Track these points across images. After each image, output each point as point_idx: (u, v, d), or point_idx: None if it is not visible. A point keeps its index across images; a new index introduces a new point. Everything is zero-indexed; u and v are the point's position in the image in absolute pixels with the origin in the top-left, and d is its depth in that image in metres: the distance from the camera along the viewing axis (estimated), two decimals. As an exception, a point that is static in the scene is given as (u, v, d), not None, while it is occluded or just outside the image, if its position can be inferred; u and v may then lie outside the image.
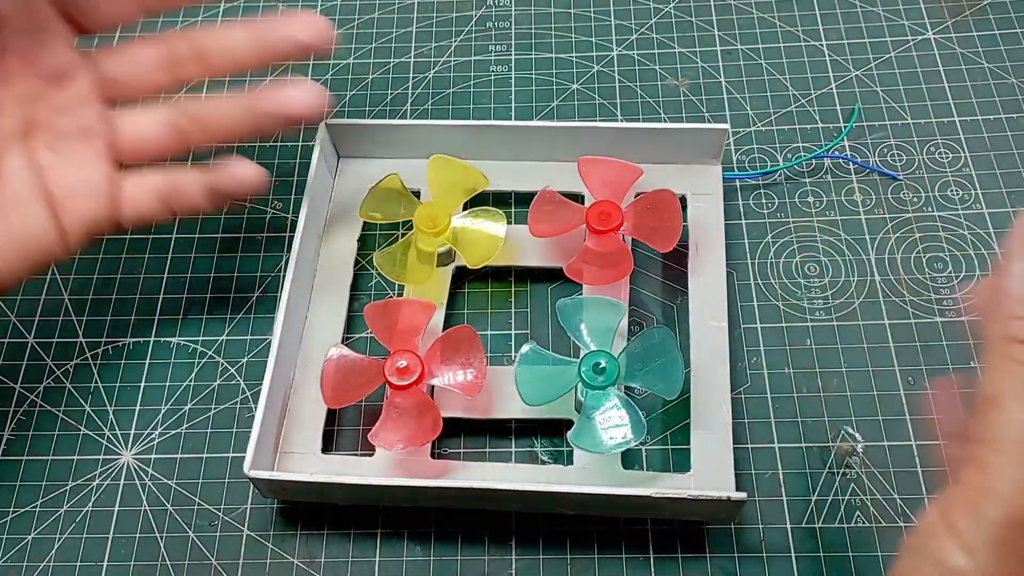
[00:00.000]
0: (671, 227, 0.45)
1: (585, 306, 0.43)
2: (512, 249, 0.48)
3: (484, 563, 0.42)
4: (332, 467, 0.43)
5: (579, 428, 0.40)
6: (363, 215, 0.47)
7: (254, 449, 0.40)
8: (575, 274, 0.46)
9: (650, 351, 0.41)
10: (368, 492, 0.40)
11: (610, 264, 0.45)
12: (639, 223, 0.45)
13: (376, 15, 0.60)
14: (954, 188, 0.51)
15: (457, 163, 0.47)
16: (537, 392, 0.41)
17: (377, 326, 0.43)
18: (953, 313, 0.47)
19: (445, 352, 0.42)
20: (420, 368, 0.41)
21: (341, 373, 0.42)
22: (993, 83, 0.55)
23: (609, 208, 0.45)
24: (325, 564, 0.42)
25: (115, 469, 0.45)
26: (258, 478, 0.39)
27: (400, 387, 0.41)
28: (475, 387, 0.41)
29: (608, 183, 0.46)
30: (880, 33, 0.57)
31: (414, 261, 0.46)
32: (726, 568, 0.41)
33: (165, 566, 0.42)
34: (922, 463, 0.43)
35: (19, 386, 0.47)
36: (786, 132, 0.53)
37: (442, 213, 0.45)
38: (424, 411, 0.41)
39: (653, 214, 0.45)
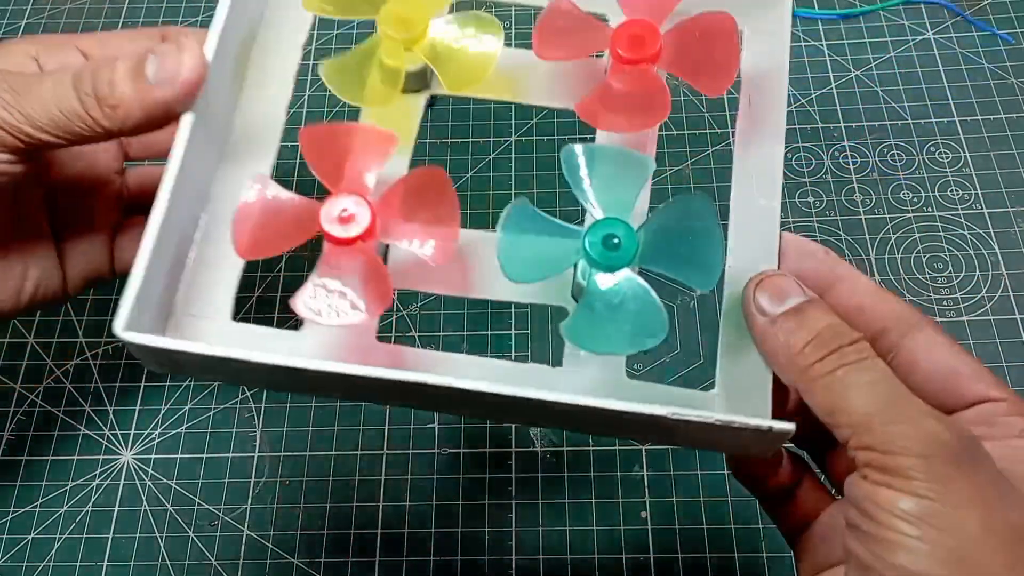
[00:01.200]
0: (724, 63, 0.33)
1: (601, 157, 0.32)
2: (508, 78, 0.36)
3: (484, 563, 0.42)
4: (245, 340, 0.32)
5: (577, 319, 0.30)
6: (308, 5, 0.35)
7: (132, 304, 0.29)
8: (590, 115, 0.34)
9: (681, 226, 0.31)
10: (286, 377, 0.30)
11: (638, 107, 0.34)
12: (680, 55, 0.34)
13: (376, 15, 0.60)
14: (954, 188, 0.51)
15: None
16: (524, 266, 0.30)
17: (316, 157, 0.32)
18: (953, 313, 0.47)
19: (406, 202, 0.32)
20: (370, 218, 0.30)
21: (262, 215, 0.32)
22: (993, 83, 0.55)
23: (644, 31, 0.33)
24: (325, 564, 0.42)
25: (115, 469, 0.45)
26: (136, 343, 0.29)
27: (341, 240, 0.30)
28: (444, 253, 0.31)
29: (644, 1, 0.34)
30: (880, 33, 0.57)
31: (375, 78, 0.35)
32: (726, 568, 0.41)
33: (165, 566, 0.42)
34: (922, 463, 0.43)
35: (19, 386, 0.47)
36: (786, 132, 0.53)
37: (418, 15, 0.34)
38: (370, 276, 0.31)
39: (701, 44, 0.34)
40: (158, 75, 0.31)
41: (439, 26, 0.34)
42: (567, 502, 0.43)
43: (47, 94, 0.31)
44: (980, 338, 0.46)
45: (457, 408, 0.32)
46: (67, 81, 0.31)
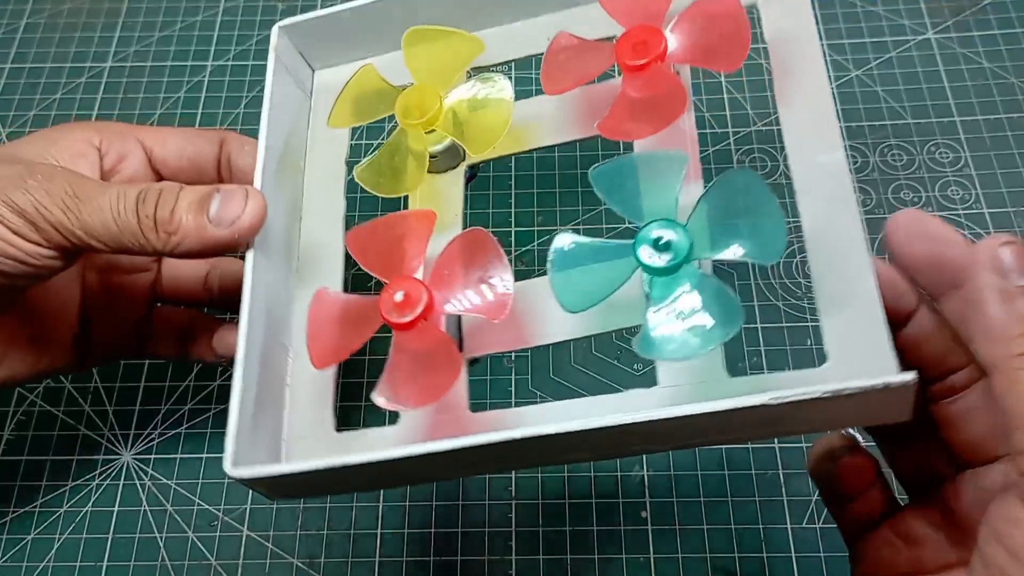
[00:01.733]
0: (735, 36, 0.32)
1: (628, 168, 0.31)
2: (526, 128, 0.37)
3: (484, 563, 0.42)
4: (349, 447, 0.33)
5: (647, 330, 0.28)
6: (332, 123, 0.37)
7: (234, 440, 0.30)
8: (614, 131, 0.33)
9: (732, 204, 0.29)
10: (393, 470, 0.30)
11: (659, 107, 0.33)
12: (689, 45, 0.33)
13: (376, 15, 0.60)
14: (954, 188, 0.51)
15: (438, 31, 0.36)
16: (580, 293, 0.30)
17: (364, 256, 0.33)
18: (953, 313, 0.47)
19: (455, 268, 0.32)
20: (425, 296, 0.31)
21: (326, 322, 0.33)
22: (993, 83, 0.55)
23: (646, 33, 0.33)
24: (325, 564, 0.42)
25: (115, 469, 0.45)
26: (243, 478, 0.30)
27: (403, 325, 0.31)
28: (501, 307, 0.31)
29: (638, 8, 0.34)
30: (880, 33, 0.57)
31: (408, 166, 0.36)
32: (726, 567, 0.41)
33: (165, 566, 0.42)
34: (922, 463, 0.43)
35: (19, 386, 0.47)
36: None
37: (428, 96, 0.35)
38: (436, 349, 0.31)
39: (706, 28, 0.33)
40: (219, 214, 0.32)
41: (453, 100, 0.35)
42: (567, 502, 0.43)
43: (107, 206, 0.32)
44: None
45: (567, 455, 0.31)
46: (130, 198, 0.32)
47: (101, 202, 0.32)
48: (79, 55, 0.59)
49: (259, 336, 0.33)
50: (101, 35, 0.60)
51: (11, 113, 0.57)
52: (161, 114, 0.56)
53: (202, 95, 0.57)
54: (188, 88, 0.58)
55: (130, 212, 0.32)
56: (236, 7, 0.61)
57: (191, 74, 0.58)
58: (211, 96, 0.57)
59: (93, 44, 0.60)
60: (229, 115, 0.56)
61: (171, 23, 0.61)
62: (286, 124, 0.37)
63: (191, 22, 0.61)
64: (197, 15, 0.61)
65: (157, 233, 0.32)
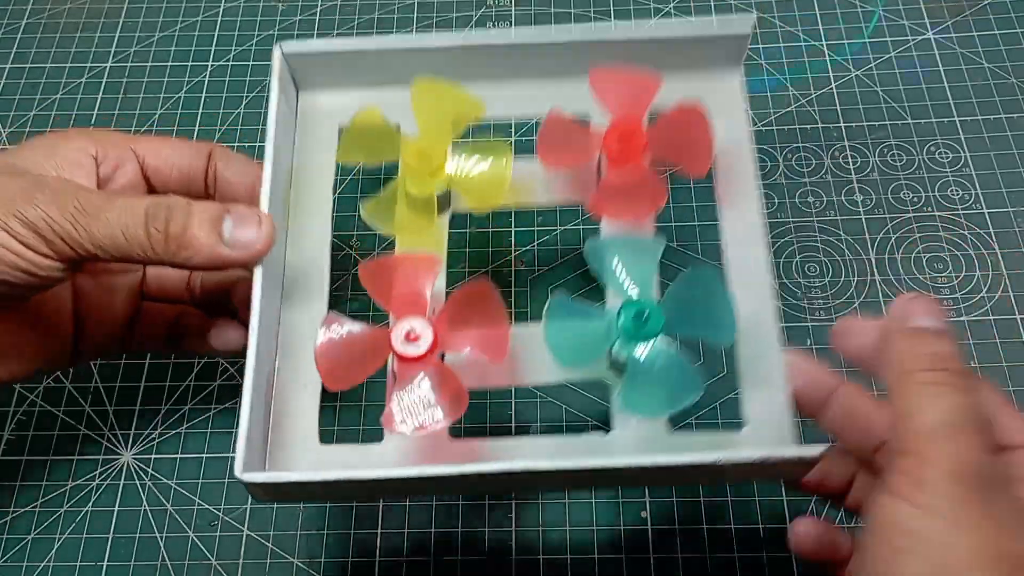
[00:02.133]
0: (702, 146, 0.38)
1: (619, 246, 0.37)
2: (520, 187, 0.41)
3: (485, 563, 0.42)
4: (335, 459, 0.36)
5: (628, 390, 0.34)
6: (341, 158, 0.40)
7: (245, 445, 0.33)
8: (598, 210, 0.39)
9: (695, 294, 0.35)
10: (385, 487, 0.34)
11: (636, 197, 0.38)
12: (664, 146, 0.38)
13: (376, 15, 0.60)
14: (954, 188, 0.51)
15: (445, 87, 0.39)
16: (572, 352, 0.35)
17: (376, 289, 0.36)
18: (953, 313, 0.47)
19: (459, 314, 0.35)
20: (433, 335, 0.34)
21: (339, 349, 0.35)
22: (993, 83, 0.55)
23: (630, 130, 0.38)
24: (325, 564, 0.42)
25: (115, 469, 0.45)
26: (254, 482, 0.32)
27: (412, 359, 0.34)
28: (499, 351, 0.35)
29: (625, 96, 0.39)
30: (880, 33, 0.57)
31: (404, 208, 0.39)
32: (727, 567, 0.41)
33: (165, 566, 0.42)
34: (922, 463, 0.43)
35: (19, 386, 0.47)
36: (786, 132, 0.54)
37: (436, 148, 0.38)
38: (443, 384, 0.35)
39: (680, 133, 0.38)
40: (234, 236, 0.34)
41: (456, 155, 0.39)
42: (567, 502, 0.43)
43: (115, 219, 0.33)
44: (980, 338, 0.46)
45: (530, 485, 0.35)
46: (139, 211, 0.33)
47: (110, 216, 0.33)
48: (79, 55, 0.59)
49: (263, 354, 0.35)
50: (101, 35, 0.60)
51: (11, 113, 0.57)
52: (161, 114, 0.56)
53: (202, 95, 0.57)
54: (188, 88, 0.58)
55: (138, 224, 0.33)
56: (236, 7, 0.61)
57: (191, 74, 0.58)
58: (211, 96, 0.57)
59: (93, 44, 0.60)
60: (229, 115, 0.56)
61: (171, 23, 0.61)
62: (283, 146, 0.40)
63: (191, 22, 0.61)
64: (197, 15, 0.61)
65: (167, 245, 0.34)
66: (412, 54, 0.41)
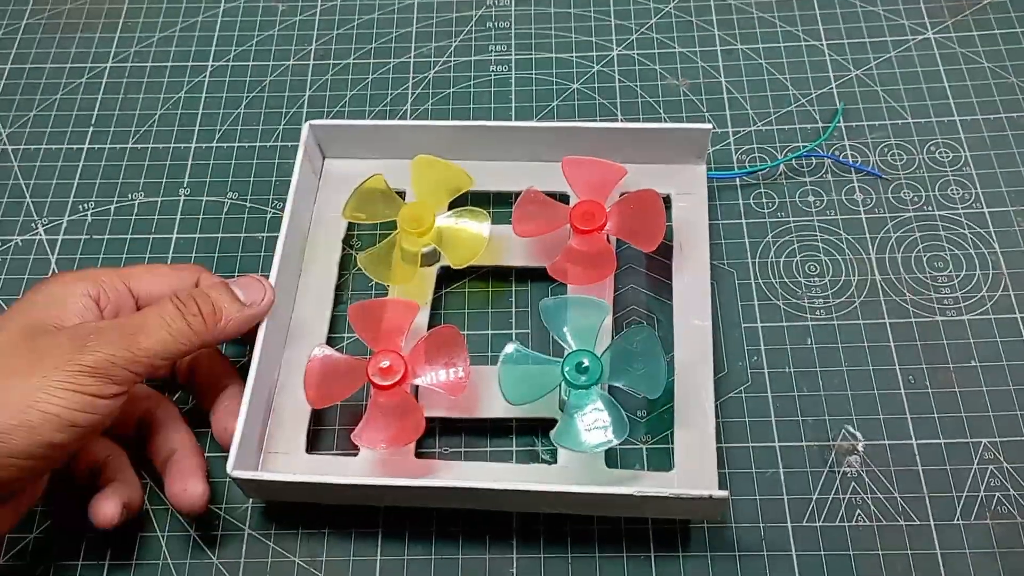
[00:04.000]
0: (654, 227, 0.45)
1: (569, 305, 0.43)
2: (495, 249, 0.48)
3: (485, 562, 0.42)
4: (316, 467, 0.43)
5: (562, 427, 0.40)
6: (347, 216, 0.47)
7: (237, 448, 0.40)
8: (559, 274, 0.46)
9: (633, 350, 0.41)
10: (351, 492, 0.40)
11: (594, 264, 0.45)
12: (622, 223, 0.45)
13: (376, 15, 0.60)
14: (954, 188, 0.51)
15: (441, 163, 0.47)
16: (520, 392, 0.41)
17: (361, 326, 0.43)
18: (953, 312, 0.47)
19: (429, 352, 0.42)
20: (403, 368, 0.41)
21: (324, 373, 0.42)
22: (993, 83, 0.55)
23: (593, 208, 0.45)
24: (326, 563, 0.42)
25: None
26: (241, 478, 0.39)
27: (383, 387, 0.41)
28: (458, 387, 0.41)
29: (592, 183, 0.46)
30: (880, 33, 0.57)
31: (398, 261, 0.46)
32: (727, 567, 0.41)
33: (166, 565, 0.42)
34: (922, 462, 0.43)
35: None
36: (786, 132, 0.54)
37: (426, 213, 0.45)
38: (407, 411, 0.41)
39: (636, 214, 0.45)
40: (248, 297, 0.41)
41: (442, 219, 0.46)
42: (568, 501, 0.43)
43: (154, 323, 0.38)
44: (980, 337, 0.46)
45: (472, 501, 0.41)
46: (169, 309, 0.39)
47: (145, 324, 0.38)
48: (79, 55, 0.59)
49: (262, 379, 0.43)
50: (101, 35, 0.60)
51: (11, 113, 0.57)
52: (161, 114, 0.56)
53: (202, 95, 0.57)
54: (188, 88, 0.58)
55: (176, 318, 0.38)
56: (236, 7, 0.61)
57: (191, 74, 0.58)
58: (211, 96, 0.57)
59: (93, 44, 0.60)
60: (229, 115, 0.56)
61: (171, 23, 0.61)
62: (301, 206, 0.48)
63: (191, 22, 0.61)
64: (197, 15, 0.61)
65: (207, 326, 0.39)
66: (419, 131, 0.49)
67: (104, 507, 0.39)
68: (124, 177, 0.54)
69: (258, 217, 0.52)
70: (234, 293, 0.41)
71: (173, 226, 0.52)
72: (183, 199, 0.53)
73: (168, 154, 0.55)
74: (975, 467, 0.43)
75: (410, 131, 0.50)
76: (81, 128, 0.56)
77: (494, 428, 0.45)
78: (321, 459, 0.43)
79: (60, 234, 0.52)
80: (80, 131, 0.56)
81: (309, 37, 0.59)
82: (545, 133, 0.49)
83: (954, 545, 0.41)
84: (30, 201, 0.53)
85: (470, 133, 0.49)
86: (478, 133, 0.49)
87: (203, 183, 0.53)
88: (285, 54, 0.59)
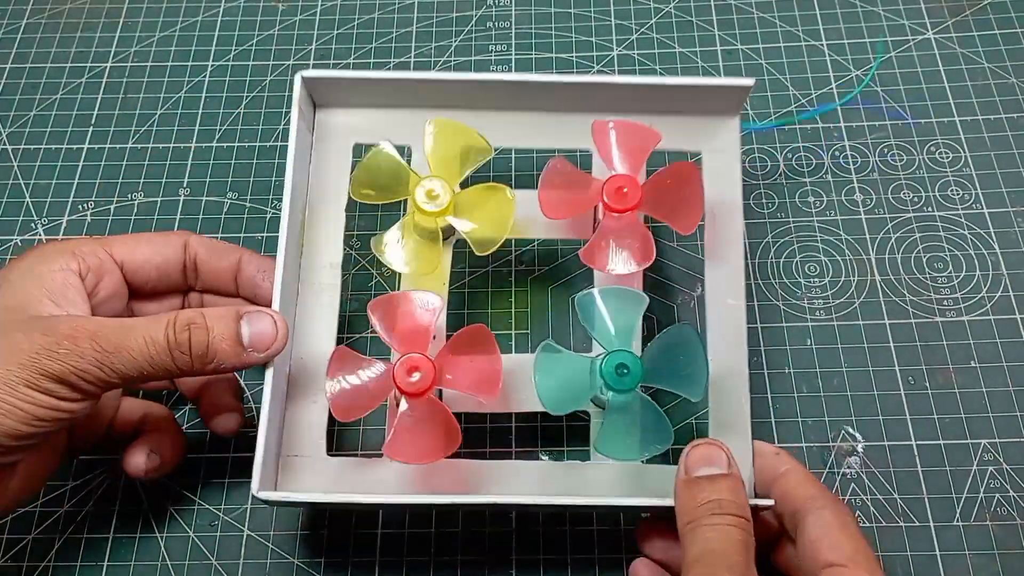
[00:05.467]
0: (693, 206, 0.41)
1: (605, 298, 0.39)
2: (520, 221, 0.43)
3: (485, 562, 0.42)
4: (340, 472, 0.40)
5: (605, 434, 0.38)
6: (354, 194, 0.42)
7: (261, 468, 0.37)
8: (590, 259, 0.41)
9: (674, 350, 0.38)
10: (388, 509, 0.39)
11: (628, 251, 0.41)
12: (659, 201, 0.41)
13: (376, 15, 0.60)
14: (954, 188, 0.51)
15: (457, 126, 0.42)
16: (559, 398, 0.38)
17: (382, 324, 0.39)
18: (953, 313, 0.47)
19: (458, 353, 0.39)
20: (432, 372, 0.37)
21: (348, 383, 0.39)
22: (993, 83, 0.55)
23: (627, 183, 0.40)
24: (325, 564, 0.42)
25: (115, 469, 0.45)
26: (270, 500, 0.37)
27: (413, 393, 0.37)
28: (492, 389, 0.38)
29: (624, 148, 0.41)
30: (880, 33, 0.57)
31: (414, 243, 0.42)
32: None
33: (165, 566, 0.42)
34: (922, 463, 0.43)
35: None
36: (786, 132, 0.54)
37: (445, 190, 0.41)
38: (438, 420, 0.38)
39: (673, 190, 0.41)
40: (253, 342, 0.37)
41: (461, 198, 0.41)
42: (567, 502, 0.43)
43: (137, 350, 0.35)
44: (980, 338, 0.46)
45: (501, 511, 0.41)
46: (160, 340, 0.35)
47: (130, 347, 0.35)
48: (79, 55, 0.59)
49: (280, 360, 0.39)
50: (101, 35, 0.60)
51: (11, 113, 0.57)
52: (161, 114, 0.56)
53: (202, 95, 0.57)
54: (188, 88, 0.58)
55: (162, 352, 0.35)
56: (236, 7, 0.61)
57: (191, 74, 0.58)
58: (211, 96, 0.57)
59: (93, 44, 0.60)
60: (229, 115, 0.56)
61: (171, 23, 0.61)
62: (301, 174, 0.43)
63: (191, 22, 0.61)
64: (197, 15, 0.61)
65: (193, 365, 0.36)
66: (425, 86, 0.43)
67: (133, 458, 0.40)
68: (124, 177, 0.54)
69: (258, 217, 0.52)
70: (238, 332, 0.37)
71: (173, 226, 0.52)
72: (183, 199, 0.53)
73: (168, 154, 0.55)
74: (975, 468, 0.43)
75: (415, 85, 0.43)
76: (81, 128, 0.56)
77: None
78: (344, 463, 0.40)
79: (60, 234, 0.52)
80: (80, 131, 0.56)
81: (309, 37, 0.59)
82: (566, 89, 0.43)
83: (954, 546, 0.41)
84: (30, 201, 0.53)
85: (487, 88, 0.43)
86: (493, 88, 0.43)
87: (203, 183, 0.53)
88: (285, 54, 0.59)
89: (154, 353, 0.35)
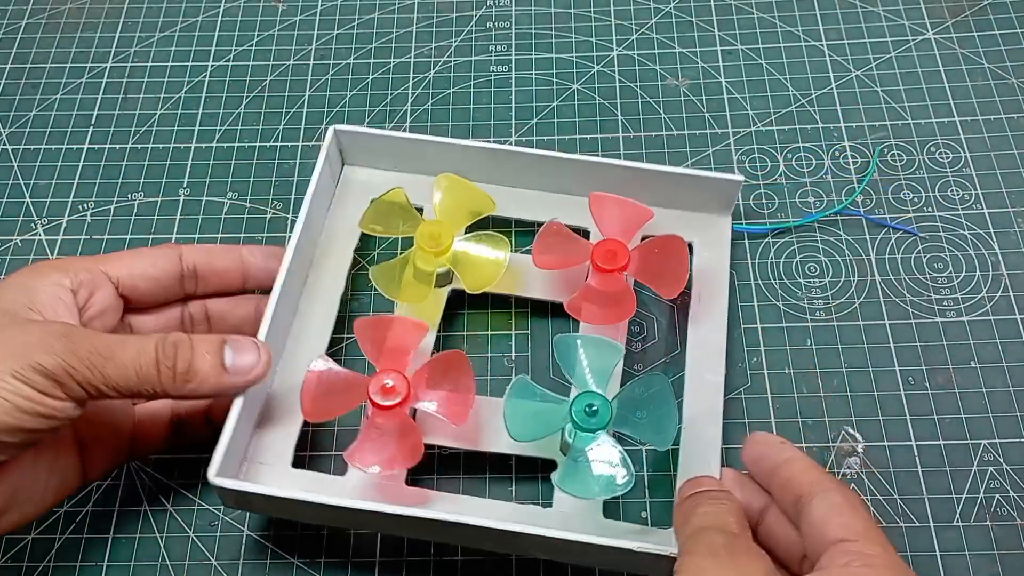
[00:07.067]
0: (677, 274, 0.44)
1: (584, 344, 0.41)
2: (512, 278, 0.46)
3: (485, 562, 0.42)
4: (302, 483, 0.41)
5: (565, 471, 0.39)
6: (364, 227, 0.46)
7: (223, 455, 0.38)
8: (575, 311, 0.44)
9: (645, 398, 0.39)
10: (336, 514, 0.38)
11: (612, 304, 0.44)
12: (645, 266, 0.44)
13: (376, 15, 0.60)
14: (954, 188, 0.51)
15: (466, 184, 0.46)
16: (525, 428, 0.39)
17: (366, 342, 0.41)
18: (953, 313, 0.47)
19: (433, 376, 0.40)
20: (406, 390, 0.39)
21: (323, 386, 0.40)
22: (993, 83, 0.55)
23: (616, 247, 0.43)
24: (325, 564, 0.42)
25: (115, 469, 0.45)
26: (224, 487, 0.38)
27: (383, 407, 0.39)
28: (461, 415, 0.40)
29: (617, 222, 0.45)
30: (880, 33, 0.57)
31: (410, 279, 0.45)
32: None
33: (165, 566, 0.42)
34: (922, 463, 0.43)
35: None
36: (786, 132, 0.54)
37: (445, 233, 0.44)
38: (405, 435, 0.40)
39: (660, 259, 0.44)
40: (235, 365, 0.38)
41: (460, 241, 0.45)
42: (567, 502, 0.43)
43: (129, 361, 0.36)
44: (980, 338, 0.46)
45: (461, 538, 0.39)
46: (149, 352, 0.36)
47: (124, 358, 0.36)
48: (79, 55, 0.59)
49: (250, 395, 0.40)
50: (101, 35, 0.60)
51: (11, 113, 0.57)
52: (161, 114, 0.56)
53: (202, 95, 0.57)
54: (188, 88, 0.58)
55: (150, 365, 0.36)
56: (236, 7, 0.61)
57: (191, 74, 0.58)
58: (211, 96, 0.57)
59: (93, 44, 0.60)
60: (229, 115, 0.56)
61: (171, 23, 0.61)
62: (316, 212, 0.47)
63: (191, 22, 0.61)
64: (197, 15, 0.61)
65: (175, 382, 0.37)
66: (442, 148, 0.48)
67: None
68: (124, 177, 0.54)
69: (258, 217, 0.52)
70: (221, 355, 0.38)
71: (173, 226, 0.52)
72: (183, 199, 0.53)
73: (168, 154, 0.55)
74: (975, 468, 0.43)
75: (434, 147, 0.48)
76: (81, 128, 0.56)
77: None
78: (307, 475, 0.42)
79: (60, 234, 0.52)
80: (80, 131, 0.56)
81: (309, 37, 0.59)
82: (573, 165, 0.47)
83: (954, 546, 0.41)
84: (30, 201, 0.53)
85: (498, 156, 0.47)
86: (505, 157, 0.48)
87: (203, 183, 0.53)
88: (285, 54, 0.59)
89: (143, 364, 0.36)
